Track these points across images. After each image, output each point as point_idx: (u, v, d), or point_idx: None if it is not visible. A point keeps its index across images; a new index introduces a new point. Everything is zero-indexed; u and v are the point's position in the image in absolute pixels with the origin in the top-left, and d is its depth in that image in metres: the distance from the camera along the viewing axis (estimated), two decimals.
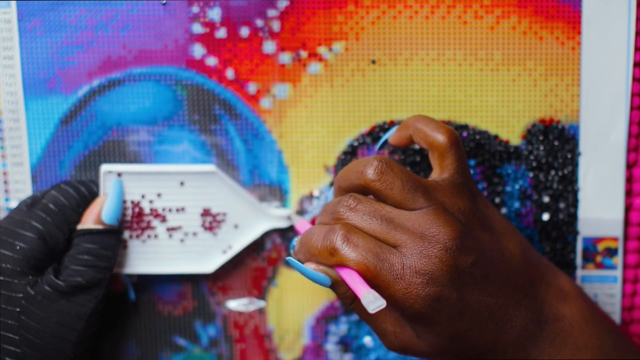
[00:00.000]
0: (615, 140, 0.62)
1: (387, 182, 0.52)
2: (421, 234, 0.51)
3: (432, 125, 0.55)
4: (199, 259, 0.62)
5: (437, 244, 0.50)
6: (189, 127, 0.63)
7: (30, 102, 0.62)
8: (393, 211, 0.52)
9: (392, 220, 0.51)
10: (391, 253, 0.50)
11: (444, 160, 0.54)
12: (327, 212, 0.54)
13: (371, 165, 0.52)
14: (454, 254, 0.50)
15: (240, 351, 0.65)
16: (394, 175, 0.52)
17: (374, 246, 0.50)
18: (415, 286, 0.50)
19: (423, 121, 0.56)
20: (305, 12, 0.61)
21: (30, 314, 0.55)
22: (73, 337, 0.56)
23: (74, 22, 0.61)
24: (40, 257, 0.56)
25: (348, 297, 0.53)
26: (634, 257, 0.63)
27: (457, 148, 0.54)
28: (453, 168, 0.54)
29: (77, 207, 0.58)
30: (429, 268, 0.50)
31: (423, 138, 0.55)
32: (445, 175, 0.54)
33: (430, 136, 0.55)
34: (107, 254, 0.58)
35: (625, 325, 0.65)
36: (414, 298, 0.50)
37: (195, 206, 0.61)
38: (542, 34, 0.61)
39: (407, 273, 0.50)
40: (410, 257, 0.50)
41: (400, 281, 0.50)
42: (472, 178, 0.56)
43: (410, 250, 0.50)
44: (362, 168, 0.53)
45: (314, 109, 0.62)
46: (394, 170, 0.52)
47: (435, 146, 0.54)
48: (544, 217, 0.63)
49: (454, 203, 0.53)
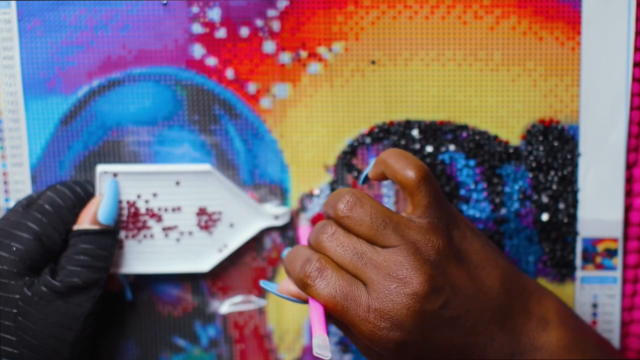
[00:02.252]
0: (615, 140, 0.62)
1: (357, 219, 0.52)
2: (389, 275, 0.51)
3: (402, 161, 0.54)
4: (195, 258, 0.62)
5: (404, 288, 0.50)
6: (188, 127, 0.63)
7: (30, 102, 0.62)
8: (366, 246, 0.52)
9: (363, 254, 0.52)
10: (360, 292, 0.51)
11: (414, 198, 0.53)
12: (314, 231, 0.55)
13: (342, 200, 0.53)
14: (421, 300, 0.50)
15: (240, 351, 0.65)
16: (364, 212, 0.52)
17: (344, 285, 0.51)
18: (380, 329, 0.50)
19: (393, 158, 0.54)
20: (305, 12, 0.61)
21: (27, 315, 0.55)
22: (70, 338, 0.56)
23: (74, 22, 0.61)
24: (37, 258, 0.56)
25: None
26: (633, 258, 0.63)
27: (427, 184, 0.53)
28: (424, 204, 0.53)
29: (73, 208, 0.58)
30: (394, 313, 0.50)
31: (392, 176, 0.54)
32: (418, 212, 0.53)
33: (399, 174, 0.53)
34: (104, 254, 0.58)
35: (625, 325, 0.65)
36: (378, 340, 0.50)
37: (190, 205, 0.61)
38: (542, 34, 0.61)
39: (371, 316, 0.50)
40: (377, 300, 0.50)
41: (365, 323, 0.50)
42: (449, 209, 0.54)
43: (377, 292, 0.51)
44: (335, 202, 0.54)
45: (314, 108, 0.63)
46: (364, 206, 0.53)
47: (405, 183, 0.53)
48: (543, 218, 0.63)
49: (427, 240, 0.52)
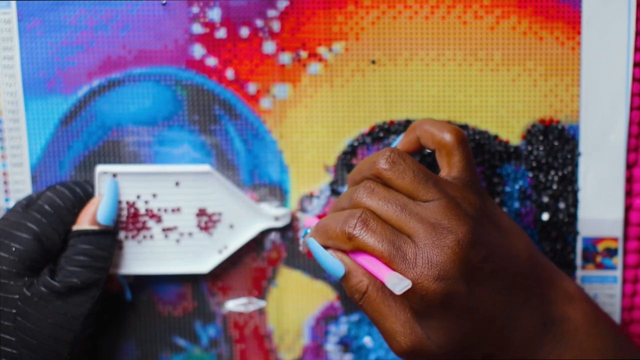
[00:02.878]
0: (615, 140, 0.62)
1: (399, 172, 0.52)
2: (434, 225, 0.51)
3: (439, 125, 0.56)
4: (194, 259, 0.62)
5: (449, 235, 0.50)
6: (188, 127, 0.63)
7: (30, 103, 0.62)
8: (407, 199, 0.52)
9: (406, 206, 0.52)
10: (405, 242, 0.50)
11: (451, 159, 0.55)
12: (345, 197, 0.54)
13: (383, 156, 0.53)
14: (465, 248, 0.50)
15: (240, 351, 0.65)
16: (406, 165, 0.53)
17: (390, 234, 0.51)
18: (426, 277, 0.49)
19: (429, 122, 0.56)
20: (305, 12, 0.61)
21: (26, 315, 0.55)
22: (69, 338, 0.56)
23: (74, 22, 0.61)
24: (36, 259, 0.56)
25: (358, 291, 0.53)
26: (634, 257, 0.63)
27: (464, 146, 0.55)
28: (461, 165, 0.55)
29: (73, 208, 0.58)
30: (440, 259, 0.50)
31: (430, 138, 0.56)
32: (454, 172, 0.55)
33: (438, 136, 0.55)
34: (103, 255, 0.58)
35: (625, 325, 0.65)
36: (424, 289, 0.49)
37: (190, 206, 0.61)
38: (542, 34, 0.61)
39: (419, 263, 0.50)
40: (423, 248, 0.50)
41: (412, 271, 0.50)
42: (479, 179, 0.56)
43: (423, 241, 0.50)
44: (375, 159, 0.53)
45: (314, 109, 0.62)
46: (405, 160, 0.53)
47: (443, 145, 0.55)
48: (543, 217, 0.63)
49: (465, 198, 0.53)
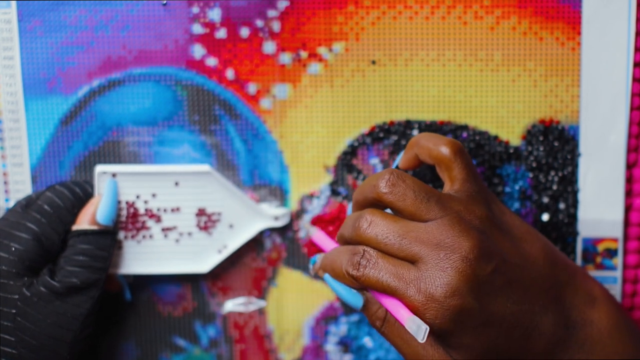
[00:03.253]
0: (615, 140, 0.62)
1: (399, 194, 0.52)
2: (437, 245, 0.50)
3: (434, 139, 0.55)
4: (194, 258, 0.62)
5: (453, 254, 0.50)
6: (189, 127, 0.63)
7: (30, 103, 0.62)
8: (408, 224, 0.52)
9: (407, 234, 0.51)
10: (408, 269, 0.50)
11: (451, 172, 0.54)
12: (348, 226, 0.54)
13: (383, 179, 0.52)
14: (471, 264, 0.50)
15: (240, 352, 0.65)
16: (406, 187, 0.52)
17: (392, 266, 0.50)
18: (434, 300, 0.49)
19: (425, 138, 0.56)
20: (305, 13, 0.61)
21: (25, 315, 0.55)
22: (69, 338, 0.56)
23: (74, 23, 0.61)
24: (36, 259, 0.56)
25: (378, 318, 0.52)
26: (634, 258, 0.63)
27: (462, 157, 0.54)
28: (462, 177, 0.54)
29: (72, 208, 0.58)
30: (446, 280, 0.49)
31: (428, 154, 0.55)
32: (456, 186, 0.54)
33: (434, 150, 0.55)
34: (102, 255, 0.58)
35: None
36: (434, 312, 0.49)
37: (190, 206, 0.61)
38: (542, 34, 0.61)
39: (423, 287, 0.49)
40: (427, 271, 0.50)
41: (418, 296, 0.49)
42: (485, 185, 0.55)
43: (426, 264, 0.50)
44: (375, 181, 0.53)
45: (314, 109, 0.63)
46: (405, 181, 0.52)
47: (441, 159, 0.55)
48: (543, 218, 0.63)
49: (470, 211, 0.52)
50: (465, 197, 0.53)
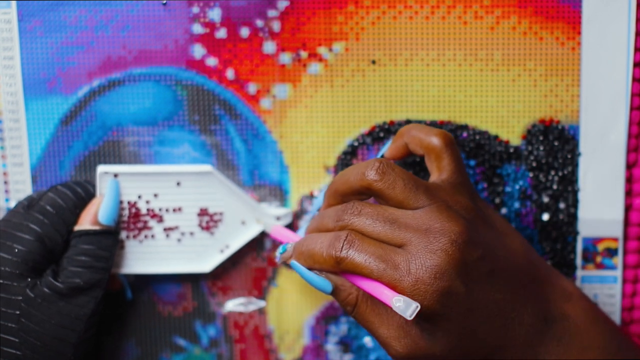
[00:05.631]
0: (615, 140, 0.62)
1: (389, 182, 0.52)
2: (426, 230, 0.51)
3: (426, 130, 0.56)
4: (196, 258, 0.62)
5: (442, 237, 0.50)
6: (189, 127, 0.63)
7: (30, 103, 0.62)
8: (396, 212, 0.52)
9: (395, 220, 0.52)
10: (395, 253, 0.50)
11: (441, 162, 0.55)
12: (330, 218, 0.54)
13: (372, 167, 0.53)
14: (460, 247, 0.50)
15: (240, 351, 0.65)
16: (396, 175, 0.52)
17: (378, 249, 0.51)
18: (422, 281, 0.49)
19: (417, 128, 0.57)
20: (305, 13, 0.61)
21: (29, 316, 0.55)
22: (73, 339, 0.56)
23: (74, 23, 0.61)
24: (39, 260, 0.56)
25: (349, 304, 0.53)
26: (634, 257, 0.63)
27: (452, 148, 0.55)
28: (451, 168, 0.55)
29: (75, 209, 0.58)
30: (435, 262, 0.50)
31: (418, 143, 0.56)
32: (444, 175, 0.55)
33: (425, 140, 0.56)
34: (105, 255, 0.58)
35: (625, 325, 0.65)
36: (422, 293, 0.49)
37: (192, 206, 0.61)
38: (542, 34, 0.61)
39: (413, 269, 0.50)
40: (416, 254, 0.50)
41: (407, 278, 0.49)
42: (470, 180, 0.56)
43: (415, 247, 0.50)
44: (363, 169, 0.53)
45: (314, 109, 0.63)
46: (394, 170, 0.53)
47: (431, 148, 0.55)
48: (544, 217, 0.63)
49: (456, 201, 0.53)
50: (452, 188, 0.54)
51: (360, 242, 0.51)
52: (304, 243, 0.54)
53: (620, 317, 0.64)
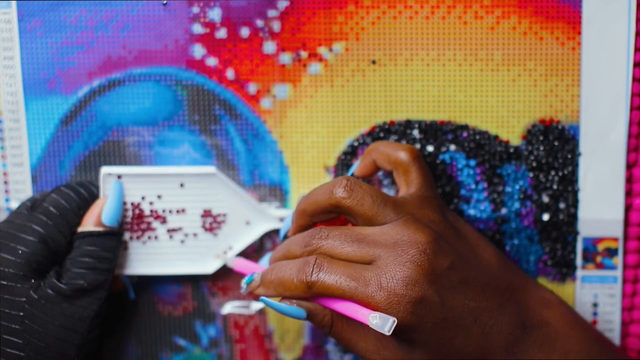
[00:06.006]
0: (615, 140, 0.62)
1: (357, 199, 0.53)
2: (394, 243, 0.51)
3: (393, 145, 0.57)
4: (199, 259, 0.62)
5: (411, 248, 0.51)
6: (189, 127, 0.63)
7: (30, 103, 0.62)
8: (364, 230, 0.53)
9: (363, 239, 0.52)
10: (365, 269, 0.51)
11: (408, 176, 0.56)
12: (297, 244, 0.54)
13: (340, 184, 0.54)
14: (429, 257, 0.51)
15: (240, 351, 0.65)
16: (363, 192, 0.53)
17: (347, 268, 0.51)
18: (395, 294, 0.50)
19: (384, 144, 0.58)
20: (306, 13, 0.61)
21: (33, 317, 0.55)
22: (77, 340, 0.56)
23: (74, 23, 0.61)
24: (42, 261, 0.56)
25: (325, 325, 0.53)
26: (634, 257, 0.63)
27: (419, 162, 0.56)
28: (418, 182, 0.56)
29: (78, 210, 0.58)
30: (406, 273, 0.50)
31: (386, 159, 0.57)
32: (412, 190, 0.56)
33: (393, 155, 0.57)
34: (108, 256, 0.58)
35: (625, 325, 0.65)
36: (396, 306, 0.50)
37: (195, 207, 0.61)
38: (542, 34, 0.61)
39: (384, 283, 0.50)
40: (386, 268, 0.50)
41: (379, 293, 0.50)
42: (438, 194, 0.57)
43: (384, 262, 0.51)
44: (331, 187, 0.54)
45: (314, 109, 0.63)
46: (362, 187, 0.54)
47: (399, 163, 0.57)
48: (544, 217, 0.63)
49: (424, 214, 0.54)
50: (420, 201, 0.55)
51: (329, 264, 0.51)
52: (272, 272, 0.54)
53: (620, 317, 0.64)
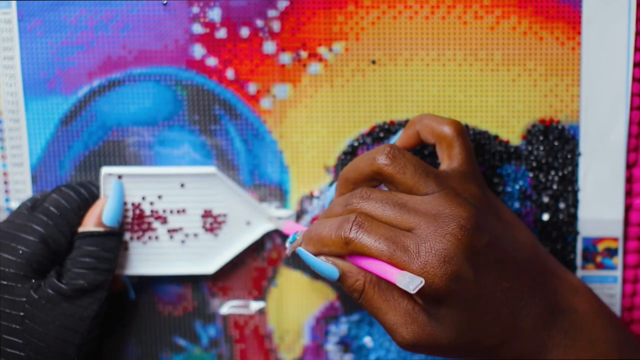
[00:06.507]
0: (615, 140, 0.62)
1: (400, 166, 0.53)
2: (435, 215, 0.51)
3: (438, 119, 0.57)
4: (199, 260, 0.62)
5: (451, 222, 0.50)
6: (189, 127, 0.63)
7: (30, 103, 0.62)
8: (405, 197, 0.52)
9: (404, 204, 0.52)
10: (405, 236, 0.50)
11: (452, 150, 0.56)
12: (339, 204, 0.54)
13: (383, 152, 0.53)
14: (468, 233, 0.50)
15: (240, 351, 0.65)
16: (406, 160, 0.53)
17: (387, 231, 0.51)
18: (431, 265, 0.49)
19: (429, 117, 0.57)
20: (306, 13, 0.61)
21: (34, 317, 0.55)
22: (77, 340, 0.56)
23: (74, 23, 0.61)
24: (43, 261, 0.56)
25: (356, 290, 0.53)
26: (634, 257, 0.63)
27: (463, 137, 0.56)
28: (461, 157, 0.55)
29: (79, 210, 0.58)
30: (444, 246, 0.50)
31: (430, 132, 0.57)
32: (454, 164, 0.55)
33: (437, 128, 0.56)
34: (108, 256, 0.58)
35: (625, 325, 0.65)
36: (431, 277, 0.49)
37: (196, 207, 0.61)
38: (542, 34, 0.61)
39: (422, 253, 0.50)
40: (425, 238, 0.50)
41: (416, 261, 0.49)
42: (479, 170, 0.56)
43: (424, 231, 0.50)
44: (374, 155, 0.53)
45: (314, 109, 0.63)
46: (405, 156, 0.53)
47: (443, 137, 0.56)
48: (544, 218, 0.63)
49: (465, 189, 0.53)
50: (462, 176, 0.54)
51: (369, 224, 0.51)
52: (313, 229, 0.54)
53: (620, 317, 0.64)
